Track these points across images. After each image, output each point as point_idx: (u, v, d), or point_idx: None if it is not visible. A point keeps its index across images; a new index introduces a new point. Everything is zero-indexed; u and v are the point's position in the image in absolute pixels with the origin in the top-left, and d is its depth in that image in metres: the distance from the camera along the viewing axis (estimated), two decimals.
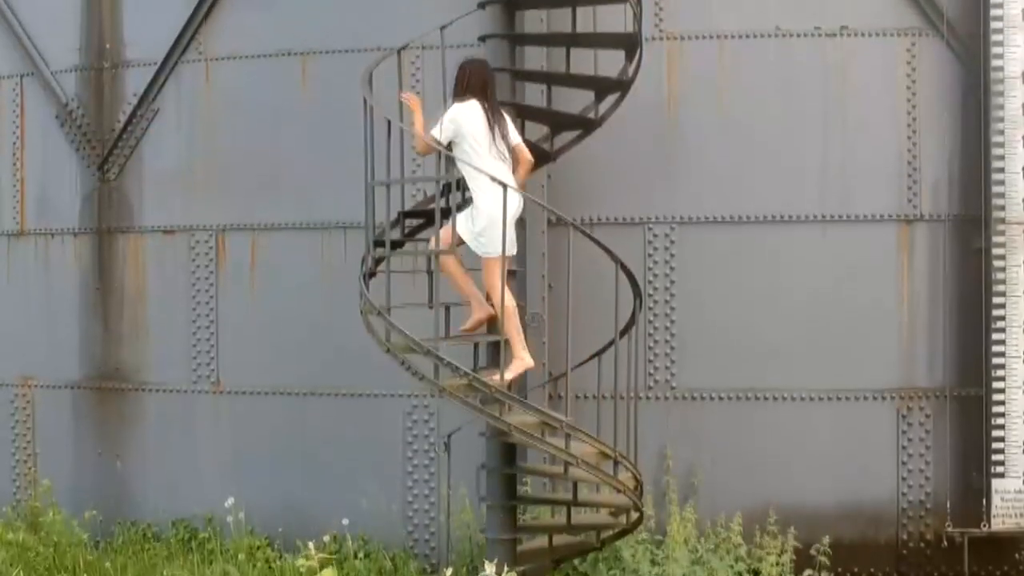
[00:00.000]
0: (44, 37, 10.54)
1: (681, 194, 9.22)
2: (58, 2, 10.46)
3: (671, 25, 9.24)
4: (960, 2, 9.06)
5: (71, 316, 10.44)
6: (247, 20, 9.87)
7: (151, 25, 10.15)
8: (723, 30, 9.18)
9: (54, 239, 10.52)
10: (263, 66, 9.82)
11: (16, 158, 10.68)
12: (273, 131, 9.79)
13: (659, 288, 9.24)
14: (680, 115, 9.23)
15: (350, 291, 9.18)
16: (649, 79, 8.74)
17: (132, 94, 10.20)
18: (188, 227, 10.04)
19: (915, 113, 9.11)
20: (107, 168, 10.27)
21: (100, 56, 10.32)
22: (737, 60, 9.18)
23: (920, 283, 9.15)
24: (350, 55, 9.54)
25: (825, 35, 9.14)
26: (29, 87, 10.62)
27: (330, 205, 9.60)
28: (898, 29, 9.13)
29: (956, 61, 9.10)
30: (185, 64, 10.03)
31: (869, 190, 9.13)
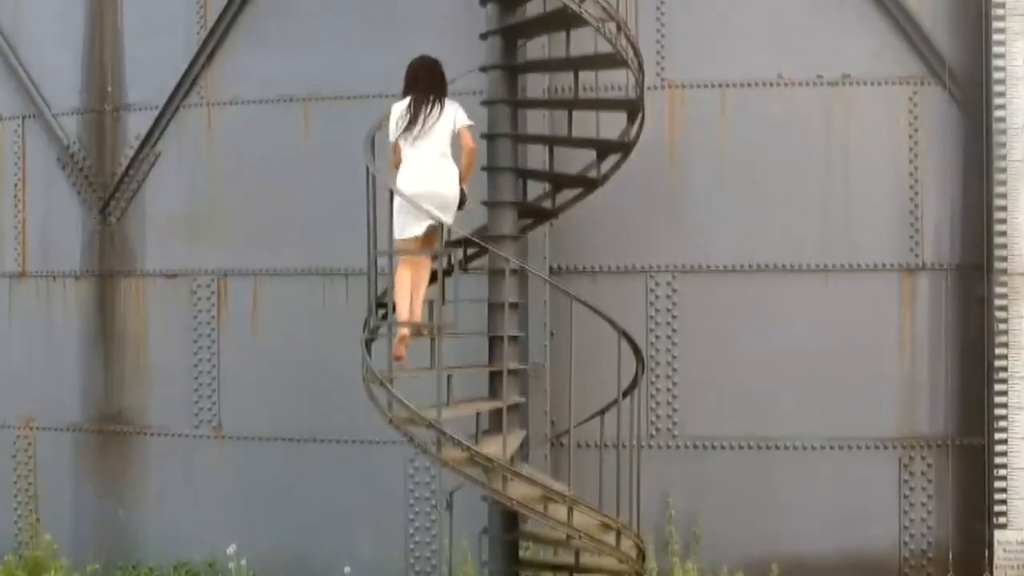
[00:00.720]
0: (46, 79, 10.54)
1: (683, 242, 9.21)
2: (60, 44, 10.45)
3: (672, 73, 9.24)
4: (962, 51, 9.07)
5: (73, 358, 10.43)
6: (249, 65, 9.86)
7: (153, 68, 10.14)
8: (725, 78, 9.18)
9: (56, 281, 10.52)
10: (265, 111, 9.82)
11: (18, 199, 10.68)
12: (276, 176, 9.78)
13: (661, 336, 9.23)
14: (682, 163, 9.22)
15: (352, 337, 9.16)
16: (651, 126, 8.66)
17: (134, 137, 10.19)
18: (190, 271, 10.03)
19: (917, 162, 9.11)
20: (109, 211, 10.26)
21: (102, 99, 10.32)
22: (739, 108, 9.18)
23: (922, 331, 9.14)
24: (353, 101, 9.55)
25: (827, 83, 9.14)
26: (31, 129, 10.61)
27: (332, 251, 9.58)
28: (900, 77, 9.13)
29: (958, 109, 9.10)
30: (187, 108, 10.03)
31: (871, 239, 9.13)
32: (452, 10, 9.14)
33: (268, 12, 9.81)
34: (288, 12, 9.75)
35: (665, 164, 9.18)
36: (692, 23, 9.21)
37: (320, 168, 9.65)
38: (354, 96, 9.56)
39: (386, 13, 9.49)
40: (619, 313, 9.09)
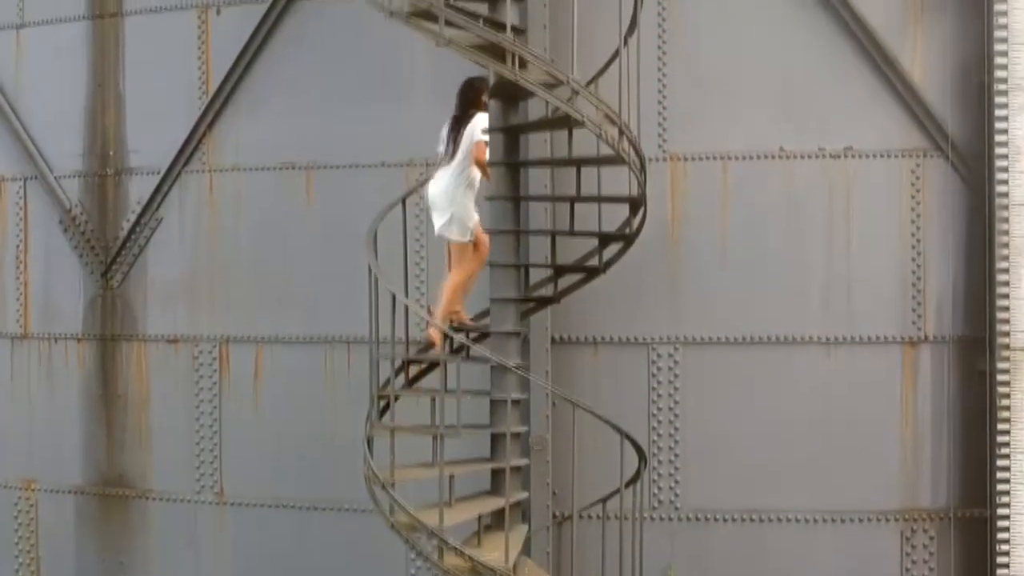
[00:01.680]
0: (47, 141, 10.55)
1: (685, 313, 9.20)
2: (61, 107, 10.47)
3: (674, 145, 9.23)
4: (966, 124, 9.04)
5: (74, 420, 10.44)
6: (251, 131, 9.87)
7: (154, 133, 10.16)
8: (726, 151, 9.17)
9: (57, 343, 10.52)
10: (268, 178, 9.83)
11: (19, 261, 10.69)
12: (278, 243, 9.80)
13: (663, 408, 9.23)
14: (683, 233, 9.21)
15: (354, 405, 9.26)
16: (652, 198, 8.67)
17: (136, 202, 10.20)
18: (192, 337, 10.03)
19: (920, 235, 9.10)
20: (111, 275, 10.27)
21: (103, 162, 10.33)
22: (740, 180, 9.17)
23: (924, 404, 9.13)
24: (356, 170, 9.61)
25: (830, 156, 9.13)
26: (32, 190, 10.62)
27: (335, 319, 9.60)
28: (903, 150, 9.12)
29: (961, 183, 9.08)
30: (189, 174, 10.04)
31: (873, 311, 9.11)
32: (455, 78, 9.11)
33: (269, 79, 9.82)
34: (290, 79, 9.76)
35: (667, 235, 9.17)
36: (694, 94, 9.20)
37: (322, 235, 9.67)
38: (357, 165, 9.59)
39: (388, 81, 9.48)
40: (621, 384, 9.28)
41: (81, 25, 10.39)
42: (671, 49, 9.22)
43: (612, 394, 9.22)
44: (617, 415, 8.82)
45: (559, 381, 9.10)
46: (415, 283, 9.23)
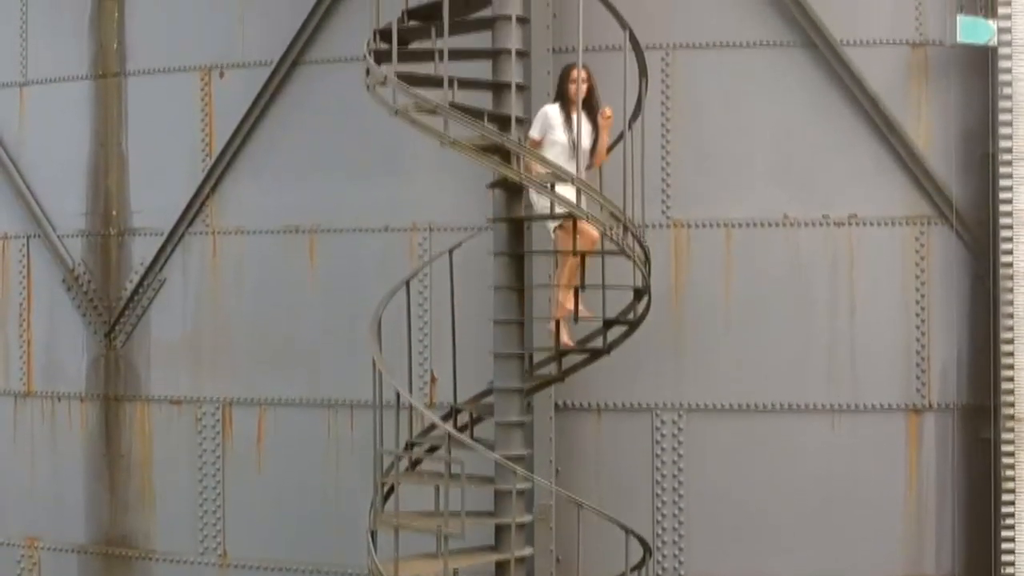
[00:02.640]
0: (50, 199, 10.56)
1: (689, 380, 9.19)
2: (64, 165, 10.47)
3: (678, 212, 9.22)
4: (970, 192, 9.04)
5: (77, 479, 10.44)
6: (255, 194, 9.87)
7: (157, 194, 10.16)
8: (730, 218, 9.16)
9: (61, 402, 10.52)
10: (271, 241, 9.83)
11: (23, 319, 10.69)
12: (281, 305, 9.79)
13: (667, 475, 9.21)
14: (687, 300, 9.20)
15: (357, 468, 9.31)
16: (656, 265, 8.70)
17: (139, 263, 10.20)
18: (195, 399, 10.03)
19: (924, 303, 9.09)
20: (114, 335, 10.27)
21: (107, 222, 10.32)
22: (744, 248, 9.15)
23: (928, 472, 9.11)
24: (359, 234, 9.59)
25: (834, 224, 9.11)
26: (36, 249, 10.62)
27: (337, 382, 9.61)
28: (907, 218, 9.11)
29: (965, 251, 9.07)
30: (192, 236, 10.04)
31: (877, 379, 9.09)
32: None
33: (273, 142, 9.82)
34: (293, 142, 9.77)
35: (670, 301, 9.15)
36: (697, 161, 9.19)
37: (325, 298, 9.68)
38: (360, 229, 9.59)
39: (392, 145, 9.45)
40: (624, 450, 9.27)
41: (84, 84, 10.39)
42: (675, 115, 9.21)
43: (616, 460, 9.23)
44: (620, 481, 8.89)
45: (563, 447, 9.11)
46: (419, 360, 9.27)
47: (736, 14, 9.15)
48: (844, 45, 9.04)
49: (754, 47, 9.15)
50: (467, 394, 8.56)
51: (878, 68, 9.07)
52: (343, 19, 9.60)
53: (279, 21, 9.72)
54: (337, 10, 9.62)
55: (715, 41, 9.17)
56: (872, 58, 9.07)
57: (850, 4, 9.09)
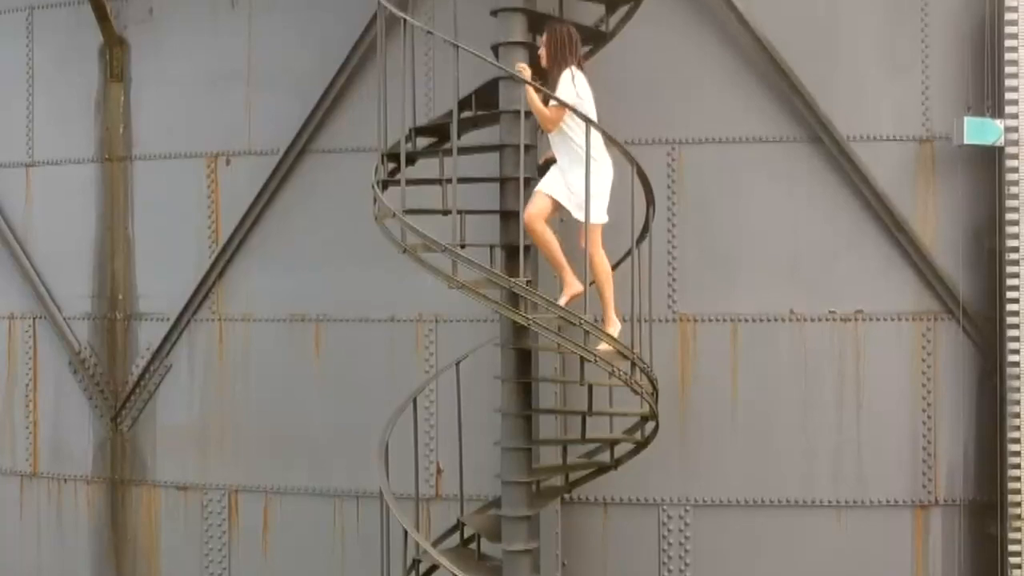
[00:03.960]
0: (57, 281, 10.54)
1: (696, 475, 9.18)
2: (71, 247, 10.45)
3: (684, 306, 9.21)
4: (977, 288, 9.03)
5: (84, 562, 10.42)
6: (261, 282, 9.87)
7: (164, 279, 10.16)
8: (737, 313, 9.15)
9: (67, 484, 10.52)
10: (277, 329, 9.82)
11: (29, 399, 10.69)
12: (287, 394, 9.78)
13: (674, 570, 9.19)
14: (693, 396, 9.20)
15: (363, 560, 9.31)
16: (662, 359, 8.74)
17: (145, 347, 10.20)
18: (201, 485, 10.02)
19: (930, 398, 9.08)
20: (120, 420, 10.27)
21: (113, 306, 10.32)
22: (751, 342, 9.15)
23: (935, 568, 9.09)
24: (365, 324, 9.59)
25: (840, 319, 9.11)
26: (42, 330, 10.61)
27: (344, 472, 9.61)
28: (914, 313, 9.10)
29: (972, 346, 9.06)
30: (198, 322, 10.03)
31: (884, 474, 9.08)
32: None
33: (279, 230, 9.83)
34: (300, 231, 9.77)
35: (676, 395, 9.14)
36: (704, 256, 9.20)
37: (332, 387, 9.67)
38: (366, 320, 9.59)
39: None
40: (631, 545, 9.27)
41: (90, 167, 10.39)
42: (681, 209, 9.22)
43: (622, 555, 9.23)
44: None
45: (569, 542, 9.13)
46: (425, 452, 9.28)
47: (742, 109, 9.16)
48: (851, 140, 9.04)
49: (760, 142, 9.16)
50: (473, 484, 8.59)
51: (885, 163, 9.07)
52: (350, 109, 9.62)
53: (286, 110, 9.73)
54: (344, 100, 9.64)
55: (721, 136, 9.17)
56: (879, 153, 9.08)
57: (856, 100, 9.08)
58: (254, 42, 9.89)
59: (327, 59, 9.58)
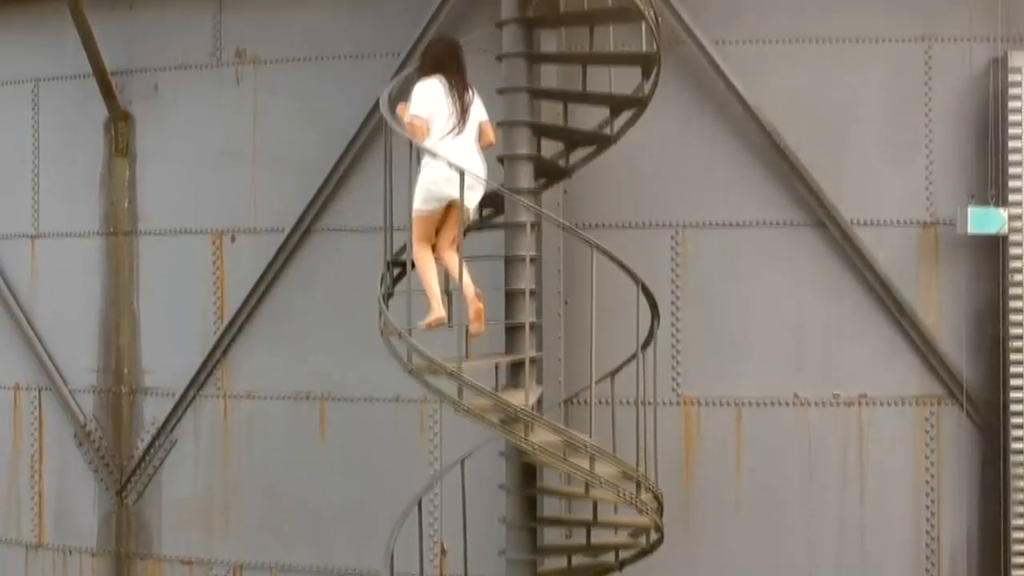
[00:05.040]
0: (62, 353, 10.57)
1: (698, 561, 9.19)
2: (76, 320, 10.48)
3: (688, 389, 9.24)
4: (980, 373, 9.06)
5: None
6: (266, 359, 9.89)
7: (169, 355, 10.18)
8: (740, 396, 9.18)
9: (72, 555, 10.55)
10: (282, 406, 9.85)
11: (34, 470, 10.73)
12: (292, 471, 9.81)
13: None
14: (696, 479, 9.21)
15: None
16: (666, 443, 8.77)
17: (150, 422, 10.23)
18: (205, 560, 10.04)
19: (933, 483, 9.10)
20: (125, 493, 10.30)
21: (118, 380, 10.35)
22: (754, 426, 9.16)
23: None
24: (370, 403, 9.61)
25: (844, 403, 9.13)
26: (47, 401, 10.65)
27: (348, 550, 9.62)
28: (917, 398, 9.12)
29: (976, 431, 9.08)
30: (203, 398, 10.07)
31: (888, 560, 9.10)
32: None
33: (284, 308, 9.85)
34: (305, 309, 9.79)
35: (680, 479, 9.17)
36: (708, 339, 9.22)
37: (337, 466, 9.70)
38: (371, 399, 9.61)
39: None
40: None
41: (95, 240, 10.43)
42: (685, 293, 9.24)
43: None
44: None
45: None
46: (429, 532, 9.29)
47: (746, 193, 9.18)
48: (854, 225, 9.07)
49: (764, 226, 9.17)
50: (477, 565, 8.61)
51: (888, 248, 9.10)
52: (354, 189, 9.64)
53: (290, 188, 9.76)
54: (349, 179, 9.66)
55: (725, 220, 9.19)
56: (882, 238, 9.10)
57: (860, 184, 9.11)
58: (259, 120, 9.93)
59: (332, 138, 9.59)
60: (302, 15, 9.80)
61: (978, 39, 9.06)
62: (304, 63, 9.81)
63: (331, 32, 9.73)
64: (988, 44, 9.05)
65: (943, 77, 9.10)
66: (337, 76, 9.70)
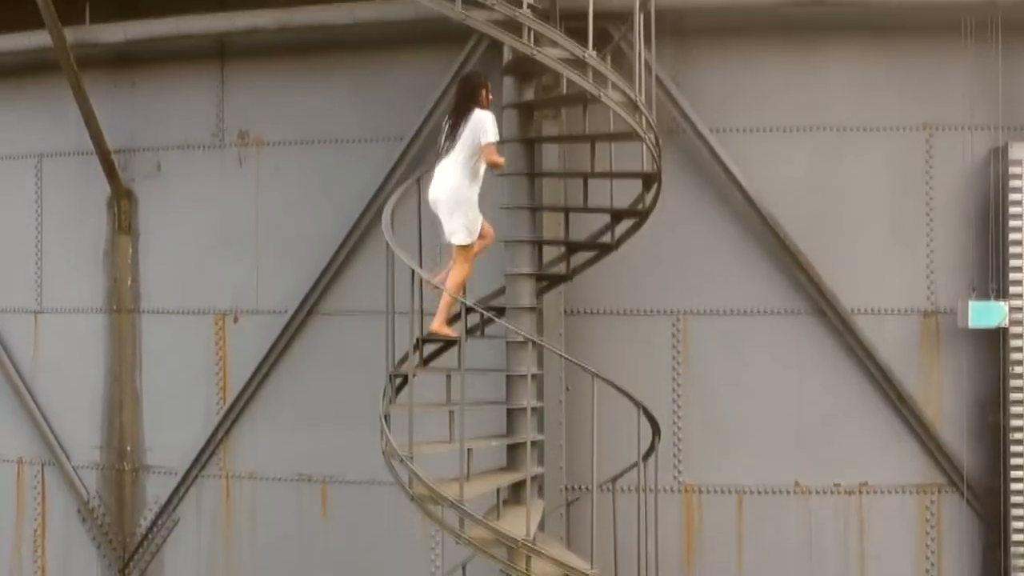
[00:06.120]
0: (65, 429, 10.62)
1: None
2: (79, 396, 10.52)
3: (689, 476, 9.26)
4: (980, 460, 9.08)
5: None
6: (268, 441, 9.93)
7: (172, 434, 10.21)
8: (742, 484, 9.19)
9: None
10: (283, 488, 9.87)
11: (37, 544, 10.75)
12: (294, 553, 9.83)
13: None
14: (698, 568, 9.23)
15: None
16: (667, 531, 8.81)
17: (153, 500, 10.26)
18: None
19: (934, 571, 9.12)
20: (128, 571, 10.32)
21: (121, 457, 10.38)
22: (755, 514, 9.19)
23: None
24: (372, 486, 9.60)
25: (845, 492, 9.14)
26: (51, 476, 10.68)
27: None
28: (918, 486, 9.14)
29: (976, 519, 9.10)
30: (206, 478, 10.09)
31: None
32: None
33: (286, 390, 9.89)
34: (307, 391, 9.82)
35: (682, 568, 9.19)
36: (709, 426, 9.24)
37: (338, 547, 9.72)
38: (374, 482, 9.60)
39: None
40: None
41: (98, 317, 10.46)
42: (686, 380, 9.26)
43: None
44: None
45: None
46: None
47: (746, 281, 9.22)
48: (855, 313, 9.09)
49: (764, 314, 9.20)
50: None
51: (889, 336, 9.13)
52: (358, 272, 9.68)
53: (294, 270, 9.79)
54: (352, 263, 9.70)
55: (726, 307, 9.22)
56: (883, 326, 9.13)
57: (861, 273, 9.14)
58: (262, 201, 9.96)
59: (336, 221, 9.64)
60: (305, 97, 9.84)
61: (979, 127, 9.09)
62: (307, 146, 9.85)
63: (335, 115, 9.77)
64: (989, 132, 9.08)
65: (944, 165, 9.13)
66: (341, 159, 9.74)
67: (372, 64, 9.65)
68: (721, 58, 9.18)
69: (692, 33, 9.13)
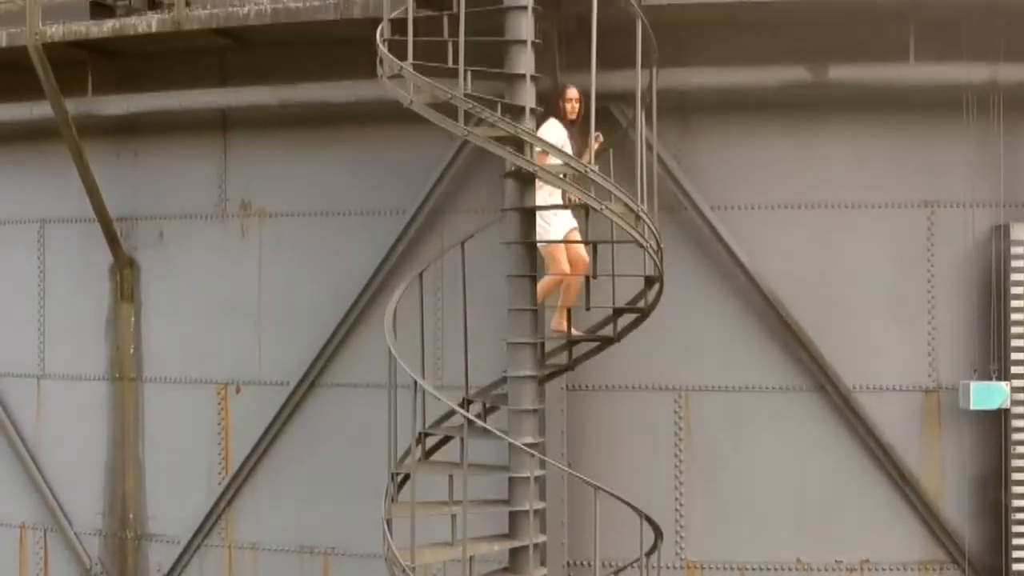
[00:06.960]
0: (68, 495, 10.64)
1: None
2: (82, 463, 10.56)
3: (691, 552, 9.27)
4: (981, 537, 9.08)
5: None
6: (271, 512, 9.95)
7: (174, 503, 10.24)
8: (743, 561, 9.20)
9: None
10: (285, 559, 9.90)
11: None
12: None
13: None
14: None
15: None
16: None
17: (155, 568, 10.28)
18: None
19: None
20: None
21: (123, 525, 10.40)
22: None
23: None
24: (375, 559, 9.51)
25: (846, 569, 9.15)
26: (53, 542, 10.70)
27: None
28: (919, 563, 9.15)
29: None
30: (208, 547, 10.10)
31: None
32: None
33: (289, 461, 9.92)
34: (309, 463, 9.85)
35: None
36: (711, 502, 9.24)
37: None
38: (375, 554, 9.55)
39: None
40: None
41: (101, 385, 10.48)
42: (688, 456, 9.27)
43: None
44: None
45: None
46: None
47: (748, 358, 9.22)
48: (856, 391, 9.10)
49: (765, 391, 9.21)
50: None
51: (891, 413, 9.14)
52: (360, 345, 9.69)
53: (296, 342, 9.81)
54: (354, 335, 9.71)
55: (727, 384, 9.23)
56: (885, 403, 9.14)
57: (862, 350, 9.14)
58: (264, 272, 9.99)
59: (339, 293, 9.67)
60: (308, 170, 9.86)
61: (980, 205, 9.09)
62: (310, 217, 9.87)
63: (338, 187, 9.79)
64: (990, 210, 9.09)
65: (945, 243, 9.13)
66: (343, 231, 9.76)
67: (374, 137, 9.66)
68: (722, 136, 9.20)
69: (694, 111, 9.14)
